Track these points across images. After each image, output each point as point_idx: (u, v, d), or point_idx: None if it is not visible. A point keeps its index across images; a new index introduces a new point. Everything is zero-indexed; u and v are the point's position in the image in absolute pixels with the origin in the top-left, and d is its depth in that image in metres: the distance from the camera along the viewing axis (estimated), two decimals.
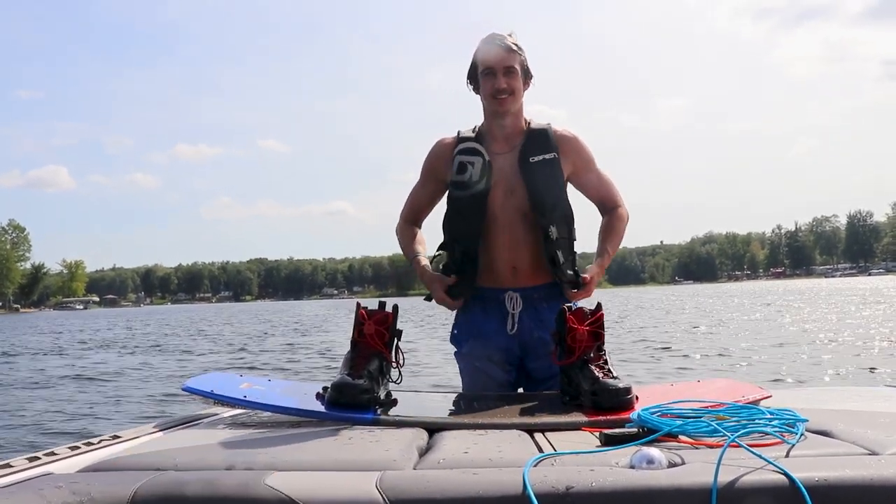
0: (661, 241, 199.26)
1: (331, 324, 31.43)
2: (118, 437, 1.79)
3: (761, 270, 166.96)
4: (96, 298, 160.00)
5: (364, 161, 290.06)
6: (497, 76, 2.46)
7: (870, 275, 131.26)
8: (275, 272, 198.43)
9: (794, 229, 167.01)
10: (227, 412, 2.15)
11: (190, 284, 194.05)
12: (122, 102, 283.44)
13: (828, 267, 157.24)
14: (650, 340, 15.70)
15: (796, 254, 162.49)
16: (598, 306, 2.06)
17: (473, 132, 2.58)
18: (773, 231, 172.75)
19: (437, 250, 2.62)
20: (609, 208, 2.63)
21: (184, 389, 2.06)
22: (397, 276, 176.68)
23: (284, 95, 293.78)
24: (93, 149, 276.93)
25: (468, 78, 2.56)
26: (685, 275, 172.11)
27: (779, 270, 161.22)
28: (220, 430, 1.85)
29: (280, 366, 13.33)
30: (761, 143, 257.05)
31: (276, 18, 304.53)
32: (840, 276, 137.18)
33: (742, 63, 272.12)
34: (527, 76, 2.52)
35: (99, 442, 1.72)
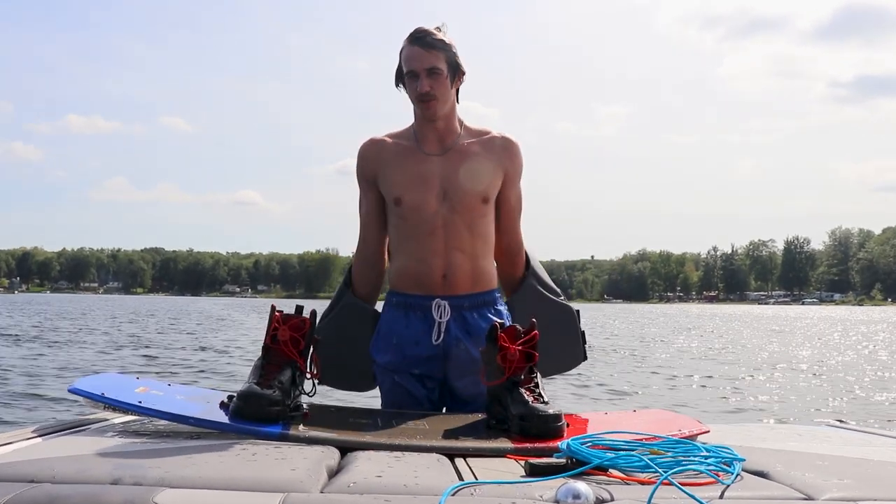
0: (592, 256, 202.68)
1: (228, 323, 30.88)
2: None
3: (693, 293, 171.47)
4: None
5: (277, 149, 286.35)
6: (420, 79, 2.46)
7: (803, 304, 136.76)
8: (171, 264, 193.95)
9: (730, 252, 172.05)
10: (118, 418, 2.10)
11: (74, 272, 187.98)
12: (4, 64, 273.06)
13: (762, 293, 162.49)
14: (584, 364, 15.84)
15: (731, 278, 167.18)
16: (532, 325, 2.08)
17: (408, 135, 2.58)
18: (708, 252, 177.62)
19: None
20: (514, 251, 2.69)
21: (70, 391, 2.00)
22: (307, 275, 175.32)
23: (192, 72, 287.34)
24: None
25: (396, 78, 2.55)
26: (615, 293, 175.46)
27: (712, 294, 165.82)
28: (108, 439, 1.81)
29: (165, 368, 13.00)
30: (703, 159, 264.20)
31: None
32: (774, 303, 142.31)
33: (688, 73, 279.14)
34: (455, 73, 2.51)
35: None
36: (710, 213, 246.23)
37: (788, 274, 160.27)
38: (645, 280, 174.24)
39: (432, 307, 2.52)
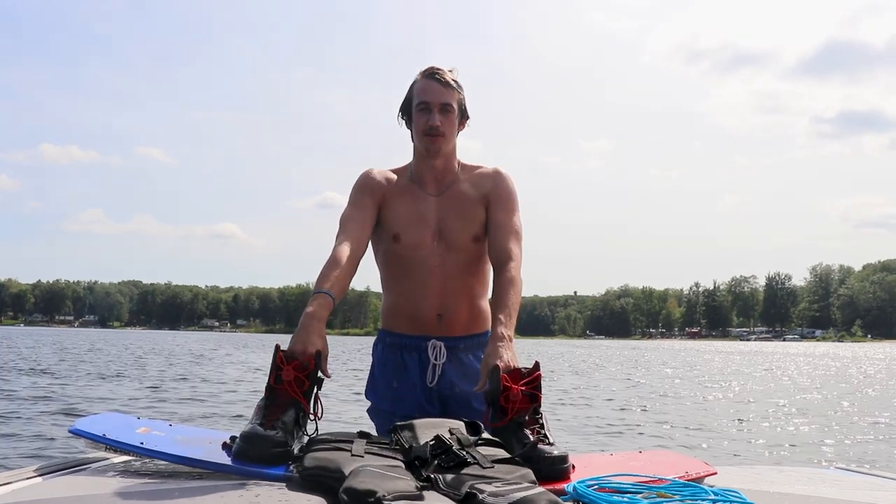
0: (575, 292, 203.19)
1: (222, 360, 30.59)
2: None
3: (676, 329, 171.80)
4: None
5: (256, 182, 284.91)
6: (432, 112, 2.48)
7: (784, 340, 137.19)
8: (150, 297, 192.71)
9: (712, 288, 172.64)
10: (119, 457, 2.08)
11: (49, 304, 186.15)
12: None
13: (744, 330, 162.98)
14: (588, 402, 15.78)
15: (713, 314, 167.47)
16: (536, 365, 2.08)
17: (406, 174, 2.59)
18: (690, 289, 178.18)
19: None
20: (502, 260, 2.45)
21: (71, 431, 1.99)
22: (287, 310, 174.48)
23: (171, 102, 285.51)
24: None
25: (401, 111, 2.57)
26: (598, 329, 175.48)
27: (694, 330, 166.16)
28: (109, 478, 1.80)
29: (162, 407, 12.84)
30: (686, 195, 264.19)
31: (164, 20, 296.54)
32: (756, 339, 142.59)
33: (673, 108, 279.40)
34: (463, 116, 2.57)
35: None
36: (693, 248, 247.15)
37: (770, 310, 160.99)
38: (627, 316, 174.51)
39: (428, 348, 2.52)
